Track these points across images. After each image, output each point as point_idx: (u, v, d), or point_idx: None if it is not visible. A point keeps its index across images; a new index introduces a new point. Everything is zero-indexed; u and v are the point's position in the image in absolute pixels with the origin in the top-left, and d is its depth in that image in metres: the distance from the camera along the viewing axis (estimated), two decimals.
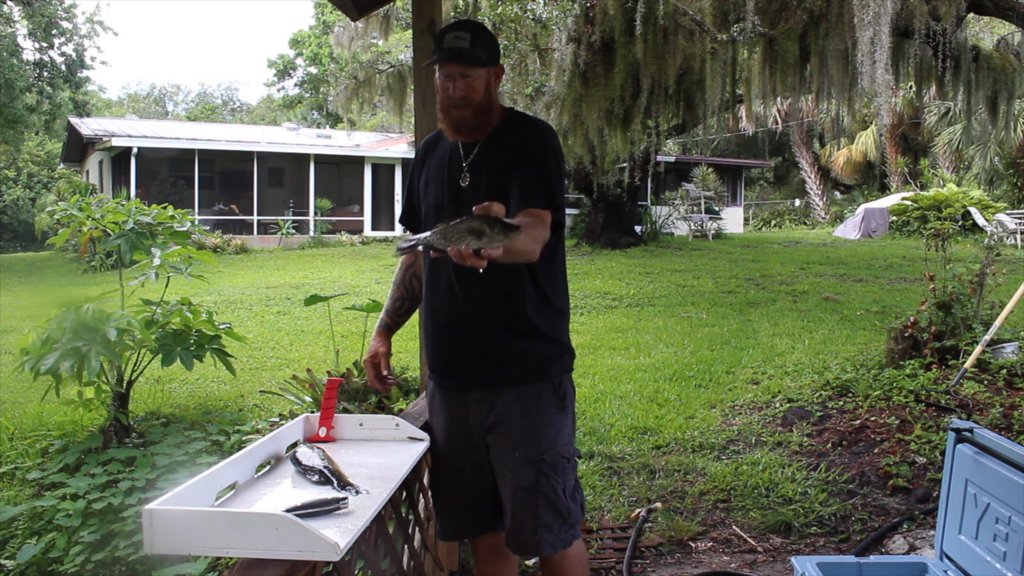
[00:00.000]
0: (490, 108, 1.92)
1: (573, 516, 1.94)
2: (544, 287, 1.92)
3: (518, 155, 1.88)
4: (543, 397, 1.92)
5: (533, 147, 1.89)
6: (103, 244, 4.32)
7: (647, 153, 12.94)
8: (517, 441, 1.90)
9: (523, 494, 1.90)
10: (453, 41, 1.85)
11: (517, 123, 1.96)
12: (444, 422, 2.04)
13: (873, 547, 3.12)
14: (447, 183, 1.95)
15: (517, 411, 1.90)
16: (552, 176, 1.86)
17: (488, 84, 1.90)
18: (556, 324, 1.96)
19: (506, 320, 1.89)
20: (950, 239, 6.45)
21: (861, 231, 17.40)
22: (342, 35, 14.61)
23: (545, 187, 1.84)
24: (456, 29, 1.87)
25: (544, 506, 1.89)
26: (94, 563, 3.33)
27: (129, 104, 48.83)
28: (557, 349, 1.96)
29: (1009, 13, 6.95)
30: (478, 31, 1.89)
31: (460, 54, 1.84)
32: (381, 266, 12.99)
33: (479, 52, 1.86)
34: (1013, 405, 4.13)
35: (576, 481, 1.98)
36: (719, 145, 28.31)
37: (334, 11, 24.86)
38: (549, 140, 1.92)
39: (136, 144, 17.19)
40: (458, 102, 1.87)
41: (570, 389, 1.99)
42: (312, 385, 3.83)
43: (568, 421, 1.97)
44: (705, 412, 4.76)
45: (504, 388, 1.91)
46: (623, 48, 8.38)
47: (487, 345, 1.91)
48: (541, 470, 1.88)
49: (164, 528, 1.24)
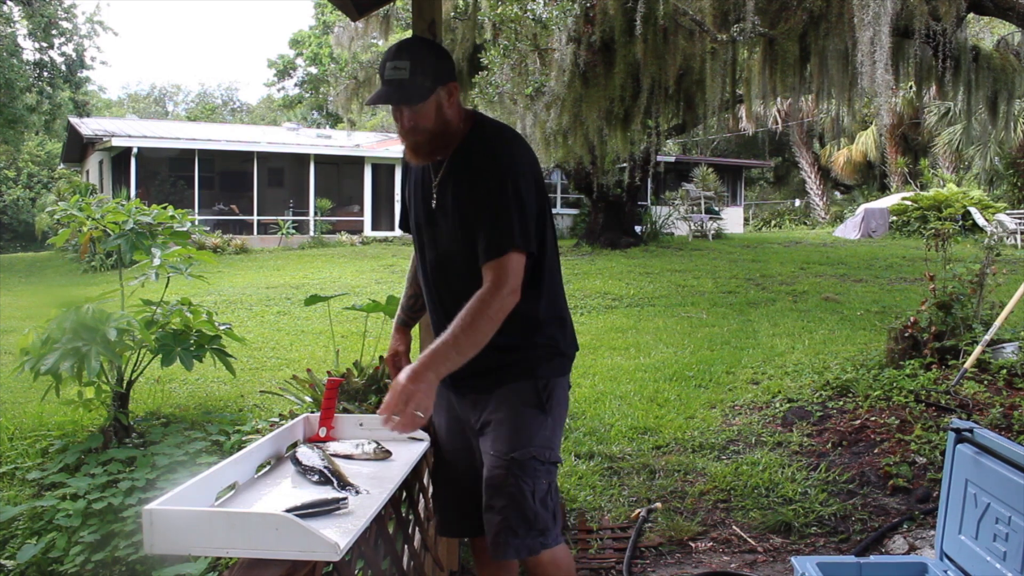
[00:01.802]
0: (446, 130, 1.84)
1: (541, 522, 1.83)
2: (534, 305, 1.87)
3: (479, 188, 1.80)
4: (523, 396, 1.88)
5: (490, 179, 1.79)
6: (103, 244, 4.32)
7: (647, 153, 12.96)
8: (496, 439, 1.87)
9: (489, 491, 1.84)
10: (392, 72, 1.76)
11: (478, 140, 1.87)
12: (444, 419, 2.05)
13: (873, 547, 3.11)
14: (421, 202, 1.95)
15: (501, 410, 1.88)
16: (511, 211, 1.76)
17: (439, 107, 1.81)
18: (546, 329, 1.92)
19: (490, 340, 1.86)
20: (950, 239, 6.45)
21: (861, 231, 17.40)
22: (342, 35, 14.62)
23: (504, 229, 1.75)
24: (395, 58, 1.77)
25: (509, 507, 1.81)
26: (94, 563, 3.32)
27: (129, 104, 48.85)
28: (547, 352, 1.91)
29: (1009, 13, 6.95)
30: (419, 55, 1.79)
31: (397, 91, 1.76)
32: (381, 266, 12.99)
33: (420, 81, 1.76)
34: (1013, 405, 4.13)
35: (551, 487, 1.88)
36: (719, 145, 28.31)
37: (334, 11, 24.87)
38: (506, 165, 1.81)
39: (136, 144, 17.19)
40: (408, 132, 1.82)
41: (559, 392, 1.93)
42: (312, 385, 3.83)
43: (549, 423, 1.89)
44: (705, 412, 4.76)
45: (493, 391, 1.90)
46: (623, 48, 8.39)
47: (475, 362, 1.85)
48: (510, 468, 1.82)
49: (164, 528, 1.24)
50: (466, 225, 1.82)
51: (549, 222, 1.92)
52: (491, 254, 1.75)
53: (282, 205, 19.09)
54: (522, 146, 1.90)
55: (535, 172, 1.88)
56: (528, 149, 1.92)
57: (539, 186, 1.87)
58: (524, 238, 1.77)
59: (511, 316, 1.79)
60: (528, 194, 1.80)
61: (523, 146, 1.90)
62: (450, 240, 1.87)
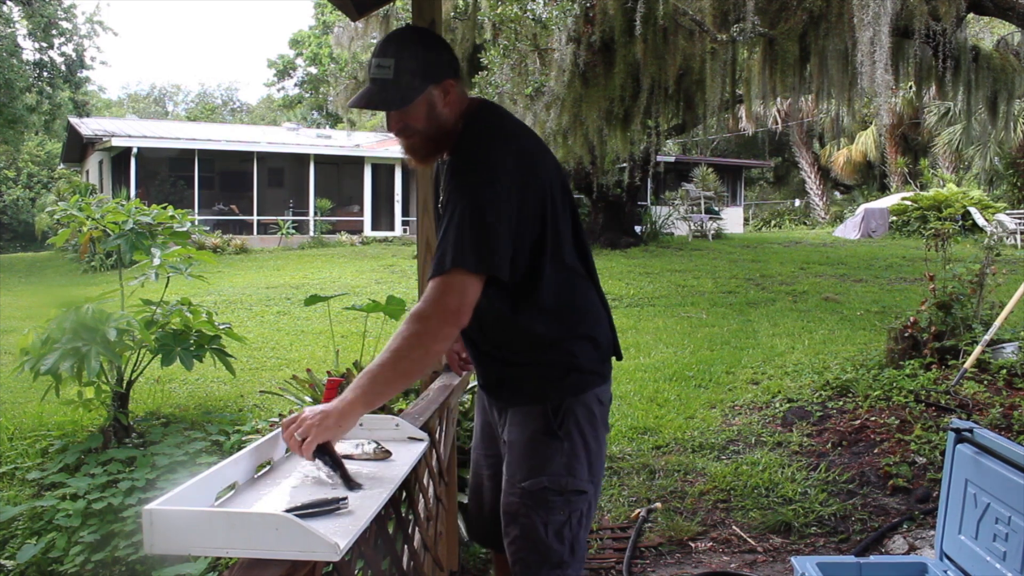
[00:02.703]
0: (441, 130, 1.67)
1: (555, 556, 1.70)
2: (529, 323, 1.71)
3: (446, 196, 1.63)
4: (533, 421, 1.74)
5: (456, 188, 1.59)
6: (103, 244, 4.32)
7: (647, 153, 12.95)
8: (509, 463, 1.79)
9: (505, 517, 1.77)
10: (376, 71, 1.60)
11: (463, 140, 1.68)
12: (480, 420, 2.01)
13: (873, 547, 3.12)
14: (435, 205, 1.89)
15: (512, 432, 1.81)
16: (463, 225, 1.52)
17: (431, 107, 1.63)
18: (559, 348, 1.73)
19: (493, 343, 1.80)
20: (950, 239, 6.45)
21: (861, 231, 17.40)
22: (342, 35, 14.63)
23: (456, 243, 1.52)
24: (380, 54, 1.61)
25: (521, 537, 1.72)
26: (94, 563, 3.33)
27: (129, 104, 48.85)
28: (559, 370, 1.73)
29: (1009, 13, 6.95)
30: (406, 51, 1.62)
31: (379, 93, 1.60)
32: (381, 266, 13.00)
33: (407, 81, 1.59)
34: (1013, 405, 4.13)
35: (571, 517, 1.72)
36: (719, 145, 28.31)
37: (334, 11, 24.85)
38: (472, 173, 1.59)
39: (136, 144, 17.19)
40: (399, 133, 1.67)
41: (579, 412, 1.73)
42: (312, 385, 3.83)
43: (566, 449, 1.71)
44: (705, 412, 4.76)
45: (507, 408, 1.84)
46: (623, 48, 8.39)
47: (488, 369, 1.86)
48: (523, 499, 1.72)
49: (164, 528, 1.24)
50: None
51: (551, 233, 1.68)
52: (434, 268, 1.53)
53: (282, 205, 19.09)
54: (511, 148, 1.65)
55: (525, 179, 1.62)
56: (524, 153, 1.67)
57: (537, 195, 1.64)
58: (475, 257, 1.51)
59: (514, 333, 1.73)
60: (501, 205, 1.55)
61: (514, 148, 1.65)
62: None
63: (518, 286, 1.67)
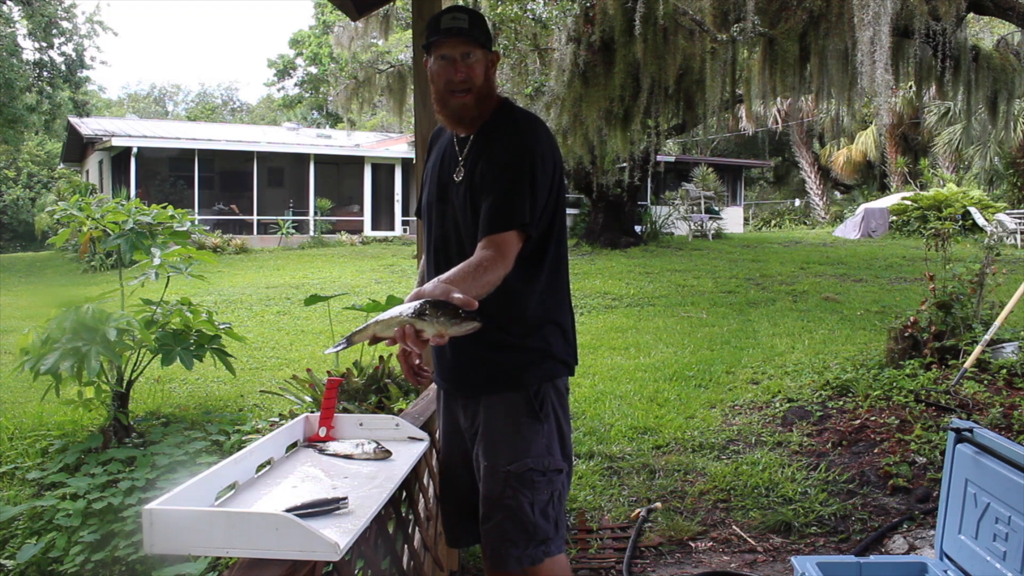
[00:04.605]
0: (490, 95, 1.84)
1: (541, 532, 1.81)
2: (525, 298, 1.82)
3: (495, 163, 1.77)
4: (515, 406, 1.83)
5: (508, 154, 1.77)
6: (103, 244, 4.33)
7: (647, 153, 12.94)
8: (488, 450, 1.84)
9: (488, 505, 1.83)
10: (451, 22, 1.77)
11: (506, 118, 1.85)
12: (443, 425, 2.04)
13: (873, 547, 3.11)
14: (439, 179, 1.91)
15: (490, 420, 1.85)
16: (523, 189, 1.73)
17: (489, 67, 1.83)
18: (539, 333, 1.85)
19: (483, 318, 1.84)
20: (950, 239, 6.45)
21: (861, 231, 17.39)
22: (342, 35, 14.64)
23: (511, 205, 1.71)
24: (453, 12, 1.79)
25: (508, 519, 1.80)
26: (94, 563, 3.33)
27: (129, 104, 48.84)
28: (537, 356, 1.84)
29: (1009, 13, 6.95)
30: (475, 15, 1.83)
31: (460, 32, 1.76)
32: (381, 266, 13.00)
33: (478, 34, 1.78)
34: (1013, 405, 4.13)
35: (553, 495, 1.84)
36: (719, 145, 28.31)
37: (334, 11, 24.86)
38: (528, 145, 1.78)
39: (136, 144, 17.19)
40: (458, 86, 1.78)
41: (553, 396, 1.86)
42: (312, 385, 3.83)
43: (545, 431, 1.83)
44: (705, 412, 4.76)
45: (481, 396, 1.87)
46: (623, 48, 8.39)
47: (464, 353, 1.87)
48: (508, 482, 1.79)
49: (164, 528, 1.24)
50: (477, 199, 1.78)
51: (559, 218, 1.86)
52: (495, 227, 1.70)
53: (282, 205, 19.09)
54: (548, 134, 1.87)
55: (556, 162, 1.83)
56: (553, 140, 1.88)
57: (557, 178, 1.83)
58: (530, 218, 1.72)
59: (502, 311, 1.76)
60: (543, 179, 1.76)
61: (549, 135, 1.87)
62: (461, 212, 1.83)
63: (528, 258, 1.78)
